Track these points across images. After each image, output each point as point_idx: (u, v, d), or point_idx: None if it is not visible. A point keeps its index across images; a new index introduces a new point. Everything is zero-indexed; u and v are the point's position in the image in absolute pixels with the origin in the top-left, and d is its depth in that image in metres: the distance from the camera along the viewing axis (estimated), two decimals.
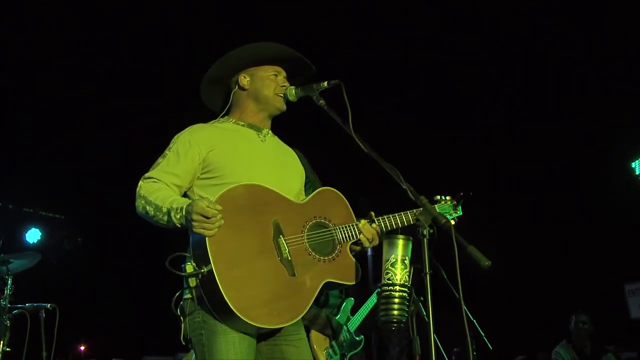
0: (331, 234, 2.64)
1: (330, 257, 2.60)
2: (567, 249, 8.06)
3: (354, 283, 2.64)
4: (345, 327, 4.75)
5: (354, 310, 4.96)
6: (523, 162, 8.00)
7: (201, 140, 2.66)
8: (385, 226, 2.73)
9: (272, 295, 2.41)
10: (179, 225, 2.44)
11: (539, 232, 8.04)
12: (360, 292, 5.19)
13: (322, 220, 2.65)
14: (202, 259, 2.34)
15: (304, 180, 2.91)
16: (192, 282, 2.35)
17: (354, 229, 2.67)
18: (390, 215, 2.75)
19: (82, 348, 10.54)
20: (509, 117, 7.75)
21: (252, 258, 2.42)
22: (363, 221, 2.70)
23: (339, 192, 2.76)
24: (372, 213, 2.74)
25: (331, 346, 4.45)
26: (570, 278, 8.00)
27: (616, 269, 8.05)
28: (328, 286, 2.60)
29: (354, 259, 2.68)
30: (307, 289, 2.50)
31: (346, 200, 2.76)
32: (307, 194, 2.78)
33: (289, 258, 2.49)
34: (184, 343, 2.49)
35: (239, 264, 2.38)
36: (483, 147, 7.86)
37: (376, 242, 2.69)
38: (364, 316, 4.95)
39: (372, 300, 4.97)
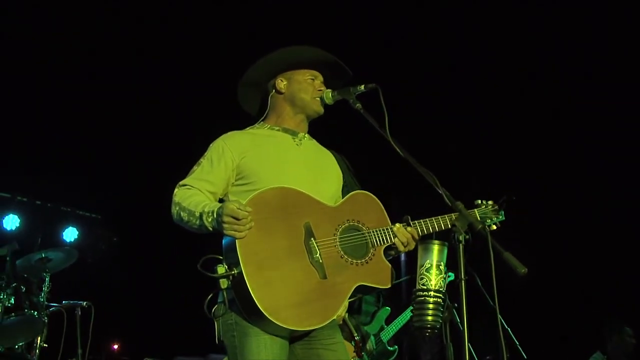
0: (364, 237, 2.61)
1: (363, 260, 2.58)
2: (606, 257, 7.82)
3: (388, 287, 2.61)
4: (372, 337, 4.70)
5: (389, 320, 4.91)
6: (560, 164, 7.79)
7: (234, 146, 2.68)
8: (422, 230, 2.69)
9: (302, 297, 2.40)
10: (211, 229, 2.46)
11: (577, 238, 7.82)
12: (393, 302, 5.15)
13: (355, 224, 2.63)
14: (232, 261, 2.36)
15: (341, 183, 2.90)
16: (224, 283, 2.36)
17: (388, 232, 2.64)
18: (427, 219, 2.71)
19: (115, 347, 10.65)
20: (557, 118, 7.53)
21: (283, 260, 2.42)
22: (398, 225, 2.67)
23: (374, 196, 2.74)
24: (408, 216, 2.70)
25: (360, 355, 4.40)
26: (609, 287, 7.77)
27: None
28: (361, 290, 2.57)
29: (388, 263, 2.65)
30: (338, 292, 2.49)
31: (381, 204, 2.73)
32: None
33: (320, 261, 2.48)
34: (219, 344, 2.51)
35: (269, 266, 2.38)
36: (521, 149, 7.67)
37: (411, 247, 2.65)
38: (398, 328, 4.89)
39: (408, 313, 4.91)
